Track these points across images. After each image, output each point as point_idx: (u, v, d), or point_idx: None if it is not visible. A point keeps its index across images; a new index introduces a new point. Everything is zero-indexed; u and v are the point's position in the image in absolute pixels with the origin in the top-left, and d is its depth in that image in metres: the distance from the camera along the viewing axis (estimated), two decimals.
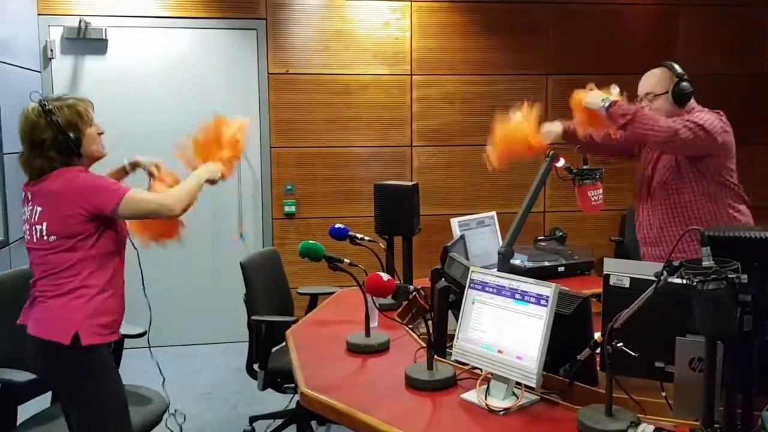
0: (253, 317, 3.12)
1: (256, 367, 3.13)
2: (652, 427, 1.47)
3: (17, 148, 2.16)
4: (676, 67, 2.69)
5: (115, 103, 4.58)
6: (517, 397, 1.84)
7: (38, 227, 2.11)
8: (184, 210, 2.22)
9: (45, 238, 2.10)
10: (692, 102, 2.71)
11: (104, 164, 2.33)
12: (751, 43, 5.23)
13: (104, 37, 4.59)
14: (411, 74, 4.99)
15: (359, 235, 2.79)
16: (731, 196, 2.68)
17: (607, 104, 2.62)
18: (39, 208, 2.12)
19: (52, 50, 4.55)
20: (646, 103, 2.72)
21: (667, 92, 2.68)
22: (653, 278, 1.57)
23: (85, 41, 4.59)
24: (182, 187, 2.27)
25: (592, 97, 2.71)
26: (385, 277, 2.07)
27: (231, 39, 4.80)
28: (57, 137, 2.09)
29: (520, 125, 2.85)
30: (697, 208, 2.65)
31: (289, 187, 4.93)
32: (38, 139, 2.10)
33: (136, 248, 2.36)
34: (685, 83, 2.66)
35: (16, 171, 2.19)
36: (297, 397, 2.07)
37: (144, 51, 4.70)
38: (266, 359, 3.06)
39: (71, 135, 2.11)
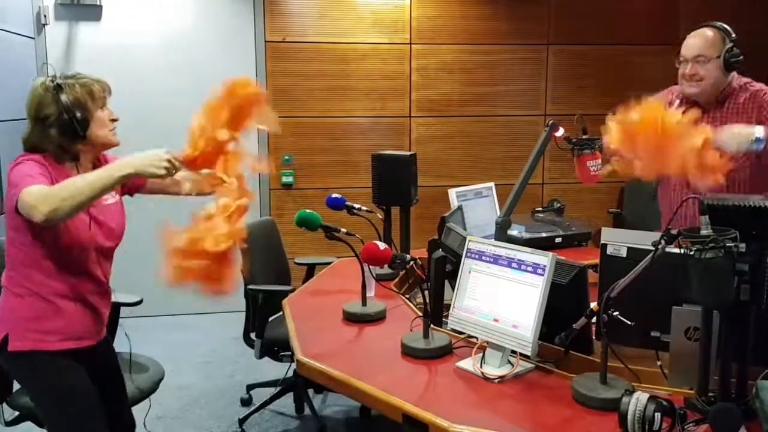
0: (250, 287, 3.12)
1: (253, 336, 3.15)
2: (646, 396, 1.47)
3: (10, 115, 2.09)
4: (730, 30, 2.53)
5: (109, 71, 4.48)
6: (513, 366, 1.84)
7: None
8: (48, 216, 1.72)
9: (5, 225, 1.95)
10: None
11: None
12: (753, 12, 5.17)
13: (98, 3, 4.52)
14: (410, 43, 4.94)
15: (356, 205, 2.78)
16: None
17: (762, 139, 2.21)
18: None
19: (45, 16, 4.48)
20: (693, 66, 2.55)
21: (719, 56, 2.51)
22: (651, 248, 1.56)
23: (80, 7, 4.52)
24: (67, 183, 1.80)
25: (737, 135, 2.22)
26: (382, 246, 2.06)
27: (227, 6, 4.73)
28: (62, 115, 1.92)
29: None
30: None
31: (286, 157, 4.90)
32: (41, 114, 1.93)
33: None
34: (736, 49, 2.50)
35: (10, 138, 2.10)
36: (294, 366, 2.07)
37: (139, 18, 4.64)
38: (263, 328, 3.07)
39: (78, 115, 1.93)
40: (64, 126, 1.93)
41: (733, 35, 2.54)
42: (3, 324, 1.97)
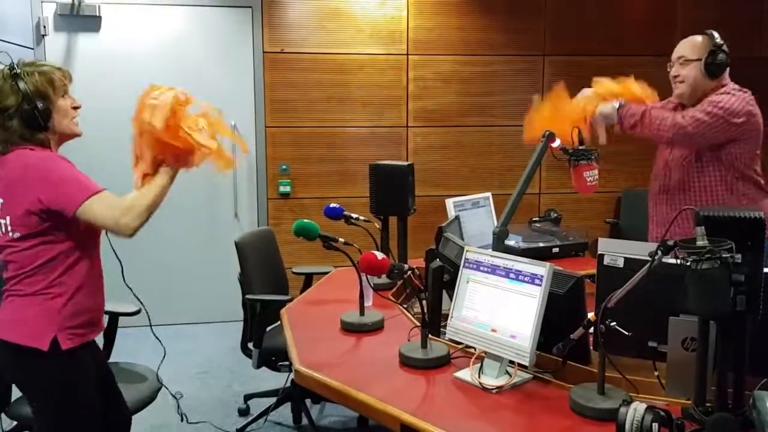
0: (248, 296, 3.13)
1: (250, 345, 3.14)
2: (644, 406, 1.47)
3: None
4: (716, 36, 2.56)
5: (108, 81, 4.54)
6: (510, 376, 1.84)
7: (2, 221, 1.90)
8: (138, 229, 1.89)
9: (10, 234, 1.89)
10: (725, 77, 2.60)
11: (81, 144, 2.17)
12: (749, 26, 5.22)
13: (98, 14, 4.54)
14: (407, 54, 4.96)
15: (354, 215, 2.79)
16: (751, 187, 2.59)
17: (617, 107, 2.58)
18: (0, 200, 1.90)
19: (45, 27, 4.50)
20: (677, 67, 2.62)
21: (700, 59, 2.56)
22: (647, 258, 1.57)
23: (79, 18, 4.54)
24: (144, 197, 1.92)
25: (606, 108, 2.62)
26: (380, 255, 2.06)
27: (226, 16, 4.75)
28: (22, 105, 1.85)
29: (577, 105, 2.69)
30: (710, 196, 2.57)
31: (284, 167, 4.91)
32: (1, 105, 1.86)
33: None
34: (721, 55, 2.54)
35: None
36: (291, 376, 2.07)
37: (138, 28, 4.66)
38: (261, 338, 3.07)
39: (39, 105, 1.87)
40: (25, 116, 1.87)
41: (719, 41, 2.56)
42: (46, 327, 1.90)
